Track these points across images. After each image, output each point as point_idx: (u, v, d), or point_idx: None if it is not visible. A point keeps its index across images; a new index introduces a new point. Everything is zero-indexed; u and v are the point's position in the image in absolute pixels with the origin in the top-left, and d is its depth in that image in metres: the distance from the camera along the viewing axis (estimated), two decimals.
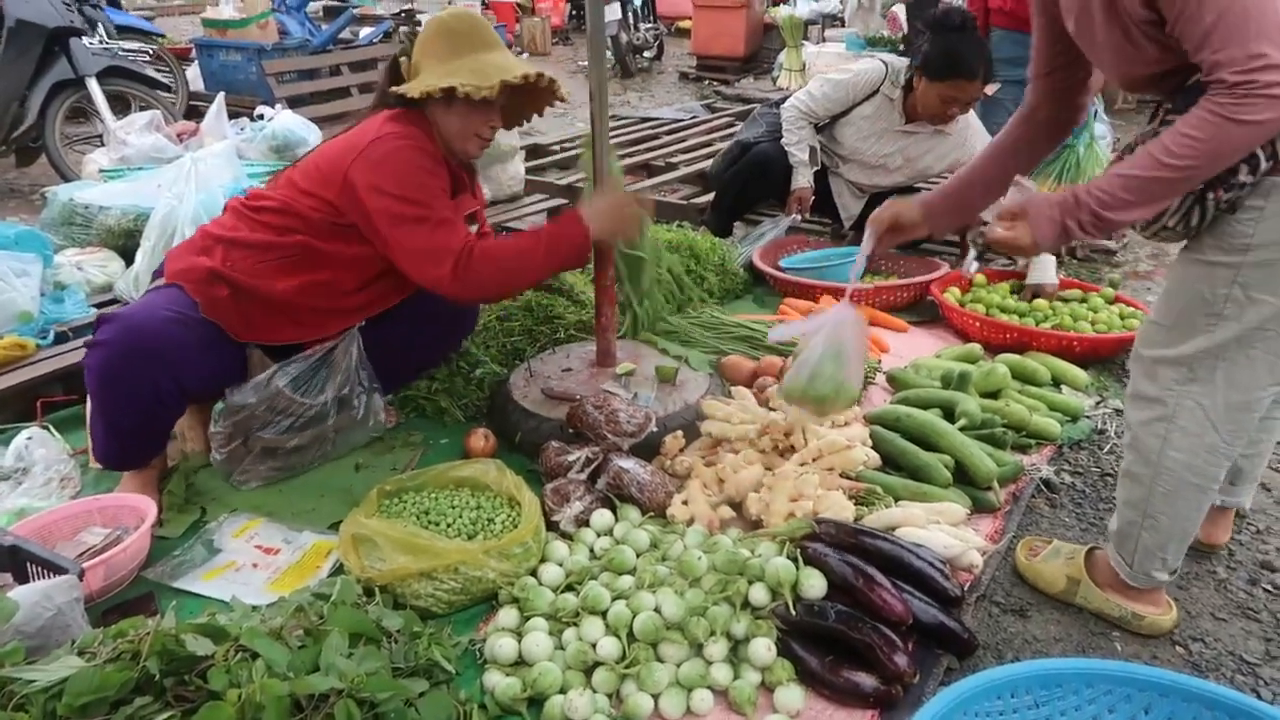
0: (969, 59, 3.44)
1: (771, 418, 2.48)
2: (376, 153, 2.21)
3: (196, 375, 2.21)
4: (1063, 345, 3.16)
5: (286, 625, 1.63)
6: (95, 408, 2.21)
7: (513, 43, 12.19)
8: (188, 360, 2.17)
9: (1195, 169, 1.55)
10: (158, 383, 2.14)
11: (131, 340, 2.10)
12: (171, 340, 2.14)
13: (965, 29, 3.52)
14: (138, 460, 2.32)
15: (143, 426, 2.23)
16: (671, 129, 7.01)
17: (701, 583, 1.91)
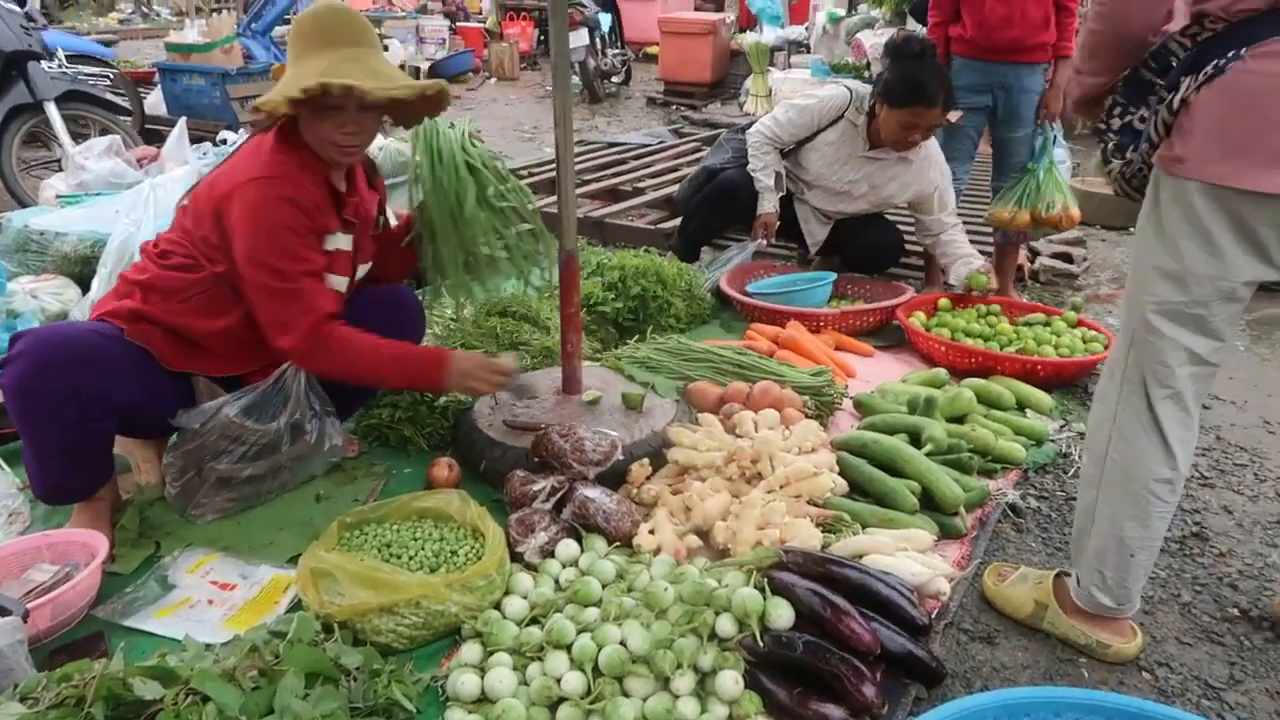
0: (928, 85, 3.48)
1: (738, 445, 2.47)
2: (247, 200, 2.13)
3: (123, 389, 2.12)
4: (1027, 369, 3.18)
5: (240, 665, 1.59)
6: (23, 436, 2.12)
7: (480, 68, 12.21)
8: (110, 371, 2.09)
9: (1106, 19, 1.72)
10: (79, 393, 2.04)
11: (46, 351, 2.03)
12: (91, 348, 2.08)
13: (924, 56, 3.56)
14: (77, 490, 2.23)
15: (73, 448, 2.12)
16: (639, 154, 7.04)
17: (668, 614, 1.88)
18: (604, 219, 5.13)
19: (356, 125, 2.18)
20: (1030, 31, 3.69)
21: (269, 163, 2.17)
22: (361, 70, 2.10)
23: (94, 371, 2.07)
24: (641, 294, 3.51)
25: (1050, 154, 3.94)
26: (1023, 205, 3.88)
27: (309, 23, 2.15)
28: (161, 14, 17.23)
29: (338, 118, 2.15)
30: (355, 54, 2.13)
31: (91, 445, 2.18)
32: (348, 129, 2.17)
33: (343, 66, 2.08)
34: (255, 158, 2.19)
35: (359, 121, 2.19)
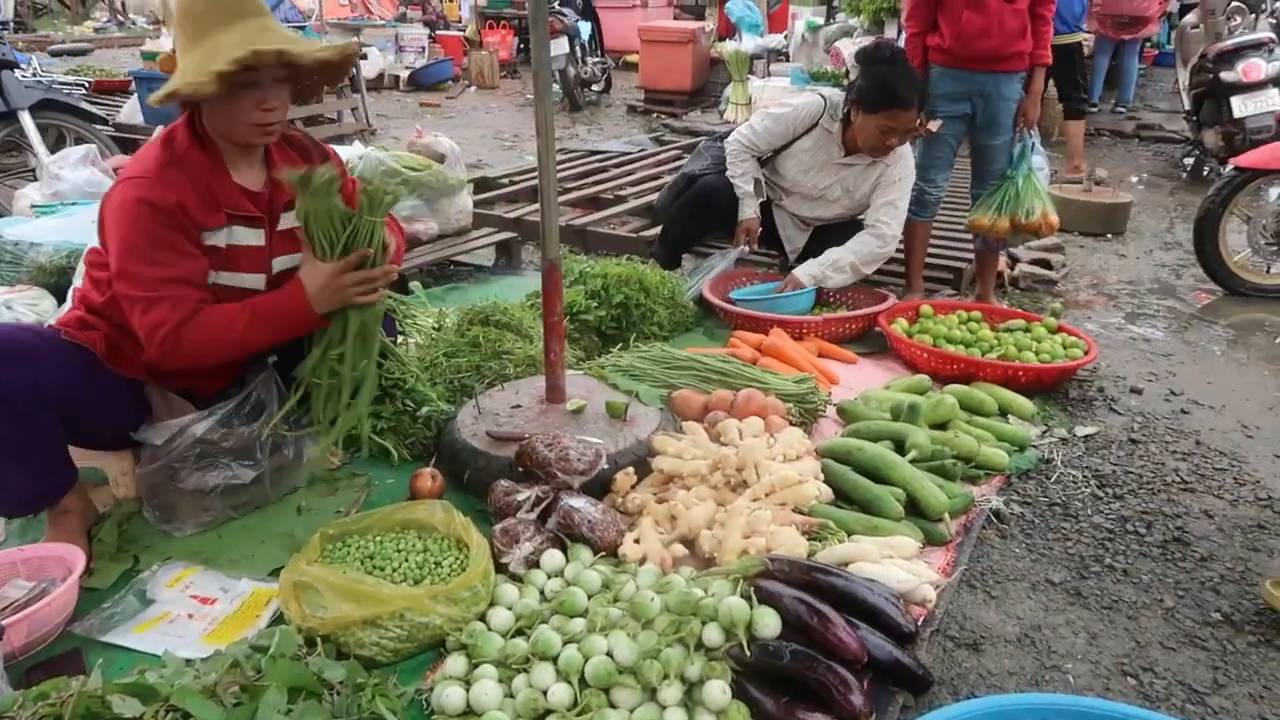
0: (901, 89, 3.51)
1: (723, 453, 2.46)
2: (111, 202, 2.08)
3: (55, 384, 2.07)
4: (1008, 375, 3.19)
5: (221, 681, 1.57)
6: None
7: (460, 76, 12.18)
8: (38, 365, 2.05)
9: None
10: (8, 385, 1.99)
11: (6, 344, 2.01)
12: (18, 343, 2.04)
13: (895, 61, 3.59)
14: (33, 497, 2.18)
15: (14, 447, 2.05)
16: (620, 162, 7.04)
17: (654, 624, 1.87)
18: (586, 227, 5.13)
19: (277, 99, 2.12)
20: (1007, 41, 3.72)
21: (142, 162, 2.10)
22: (280, 38, 2.05)
23: (16, 364, 2.02)
24: (624, 302, 3.51)
25: (1029, 161, 3.97)
26: (1002, 212, 3.91)
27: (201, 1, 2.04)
28: (137, 22, 17.09)
29: (255, 94, 2.07)
30: (264, 23, 2.06)
31: (33, 444, 2.10)
32: (269, 104, 2.10)
33: (263, 35, 2.02)
34: (139, 155, 2.14)
35: (278, 95, 2.12)
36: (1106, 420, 3.16)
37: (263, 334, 2.18)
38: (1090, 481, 2.75)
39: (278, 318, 2.17)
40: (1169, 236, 5.72)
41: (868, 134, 3.61)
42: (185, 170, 2.11)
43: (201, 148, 2.15)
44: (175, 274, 2.09)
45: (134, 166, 2.11)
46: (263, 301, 2.19)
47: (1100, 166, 6.86)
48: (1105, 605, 2.20)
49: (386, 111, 10.04)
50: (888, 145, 3.63)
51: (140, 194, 2.05)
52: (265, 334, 2.18)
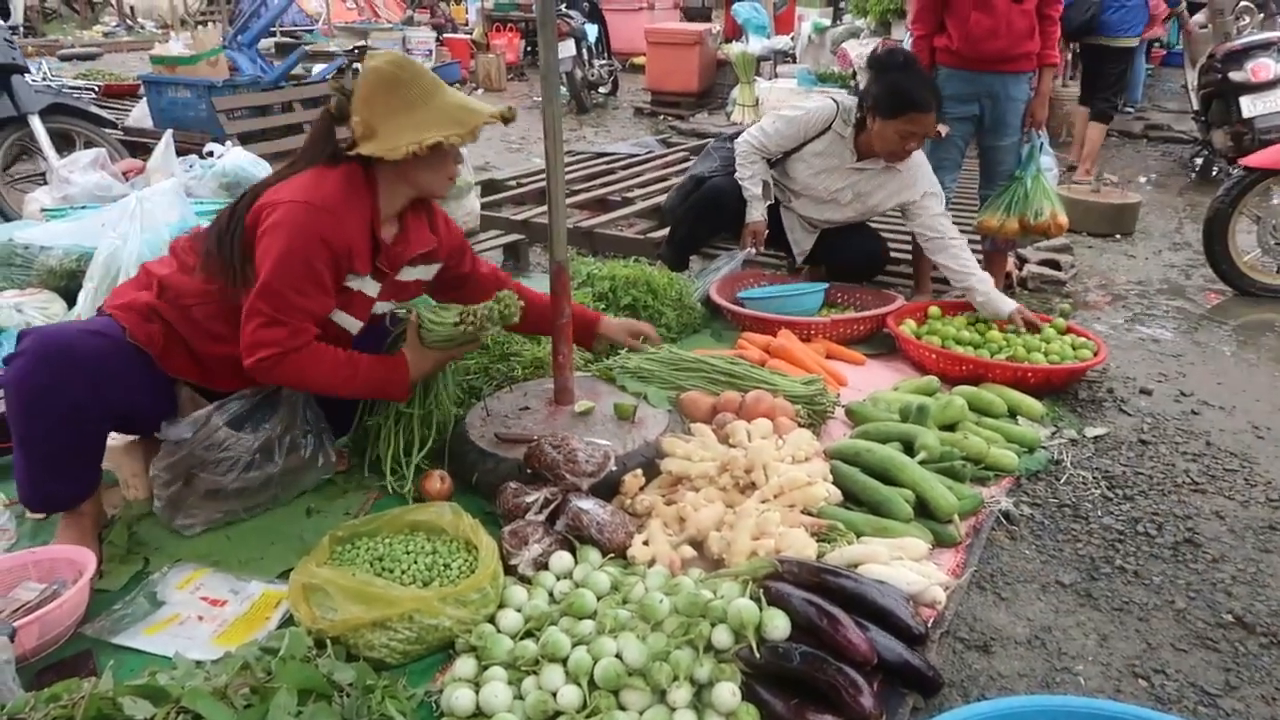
0: (919, 92, 3.49)
1: (732, 455, 2.46)
2: (285, 218, 2.15)
3: (119, 392, 2.13)
4: (1017, 376, 3.18)
5: (232, 683, 1.57)
6: (15, 437, 2.11)
7: (467, 79, 12.21)
8: (107, 372, 2.10)
9: None
10: (75, 391, 2.05)
11: (47, 347, 2.05)
12: (89, 349, 2.09)
13: (909, 66, 3.58)
14: (63, 497, 2.22)
15: (64, 445, 2.11)
16: (627, 164, 7.05)
17: (663, 626, 1.87)
18: (593, 229, 5.14)
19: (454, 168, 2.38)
20: (1016, 41, 3.71)
21: (325, 193, 2.18)
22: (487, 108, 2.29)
23: (91, 372, 2.08)
24: (632, 304, 3.51)
25: (1037, 161, 3.97)
26: (1011, 213, 3.90)
27: (407, 70, 2.24)
28: (146, 26, 17.17)
29: (455, 153, 2.33)
30: (456, 94, 2.31)
31: (85, 448, 2.18)
32: (460, 160, 2.41)
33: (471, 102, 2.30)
34: (313, 184, 2.20)
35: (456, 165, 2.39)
36: (1116, 421, 3.15)
37: (356, 389, 2.38)
38: (1100, 483, 2.74)
39: (376, 383, 2.39)
40: (1178, 237, 5.70)
41: (886, 139, 3.58)
42: (359, 215, 2.25)
43: (372, 197, 2.27)
44: (309, 306, 2.21)
45: (308, 191, 2.18)
46: (368, 363, 2.36)
47: (1108, 167, 6.84)
48: (1116, 607, 2.19)
49: None
50: (907, 150, 3.61)
51: (322, 227, 2.16)
52: (357, 390, 2.39)
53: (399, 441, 2.56)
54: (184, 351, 2.26)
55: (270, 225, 2.14)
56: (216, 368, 2.30)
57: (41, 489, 2.18)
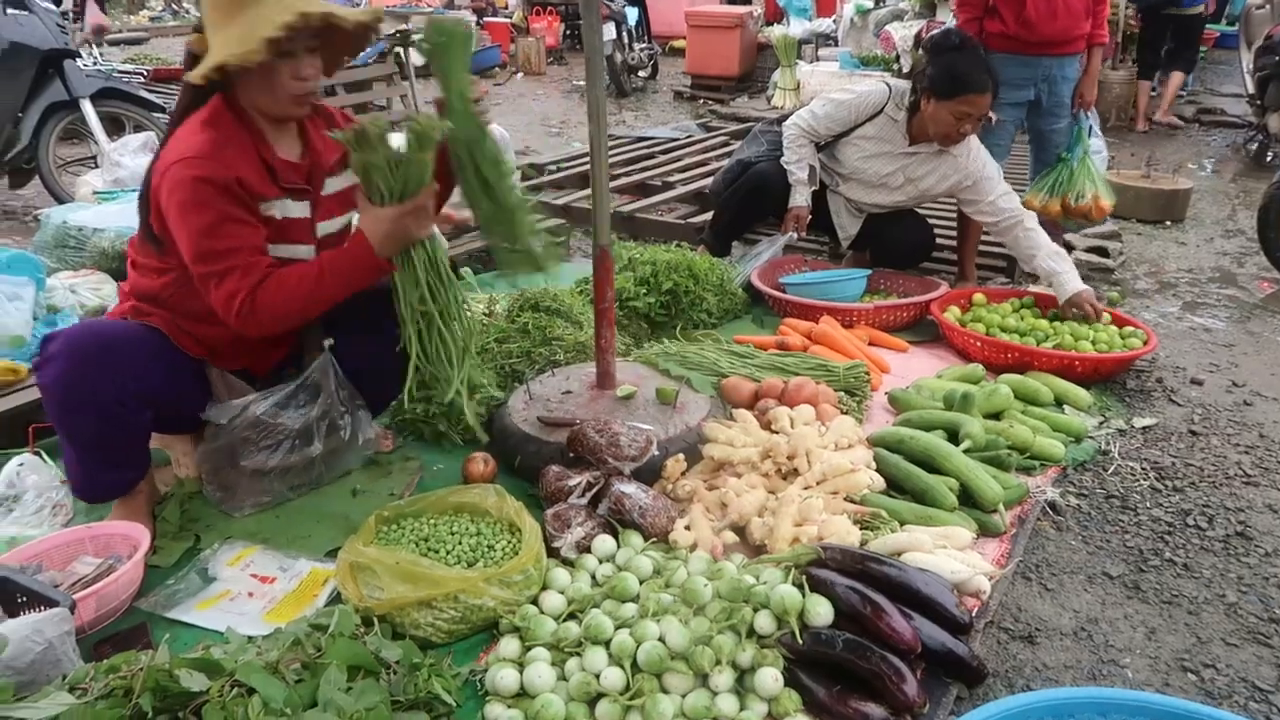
0: (976, 73, 3.44)
1: (774, 441, 2.45)
2: (170, 185, 2.07)
3: (155, 379, 2.15)
4: (1064, 365, 3.14)
5: (283, 658, 1.60)
6: (61, 434, 2.15)
7: (507, 62, 12.22)
8: (141, 361, 2.12)
9: None
10: (114, 383, 2.07)
11: (82, 348, 2.07)
12: (120, 339, 2.12)
13: (965, 47, 3.52)
14: (116, 486, 2.26)
15: (109, 439, 2.15)
16: (667, 148, 7.02)
17: (706, 610, 1.87)
18: (634, 214, 5.13)
19: (311, 67, 2.14)
20: (1074, 22, 3.66)
21: (194, 142, 2.10)
22: (319, 3, 2.05)
23: (127, 363, 2.10)
24: (674, 288, 3.50)
25: (1085, 144, 3.91)
26: (1054, 194, 3.84)
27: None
28: (191, 11, 17.37)
29: (291, 64, 2.09)
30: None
31: (129, 439, 2.21)
32: (304, 72, 2.12)
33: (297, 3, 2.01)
34: (184, 138, 2.14)
35: (312, 64, 2.14)
36: (1166, 411, 3.09)
37: (334, 288, 2.17)
38: (1149, 474, 2.69)
39: (347, 269, 2.16)
40: (1231, 224, 5.57)
41: (941, 121, 3.53)
42: (235, 147, 2.14)
43: (243, 125, 2.17)
44: (241, 244, 2.12)
45: (180, 148, 2.11)
46: (331, 256, 2.19)
47: (1159, 151, 6.70)
48: (1165, 600, 2.16)
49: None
50: (962, 132, 3.55)
51: (198, 173, 2.06)
52: (336, 287, 2.17)
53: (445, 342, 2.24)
54: (190, 340, 2.27)
55: (164, 196, 2.10)
56: (223, 348, 2.30)
57: (95, 481, 2.22)
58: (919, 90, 3.60)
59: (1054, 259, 3.49)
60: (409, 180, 2.12)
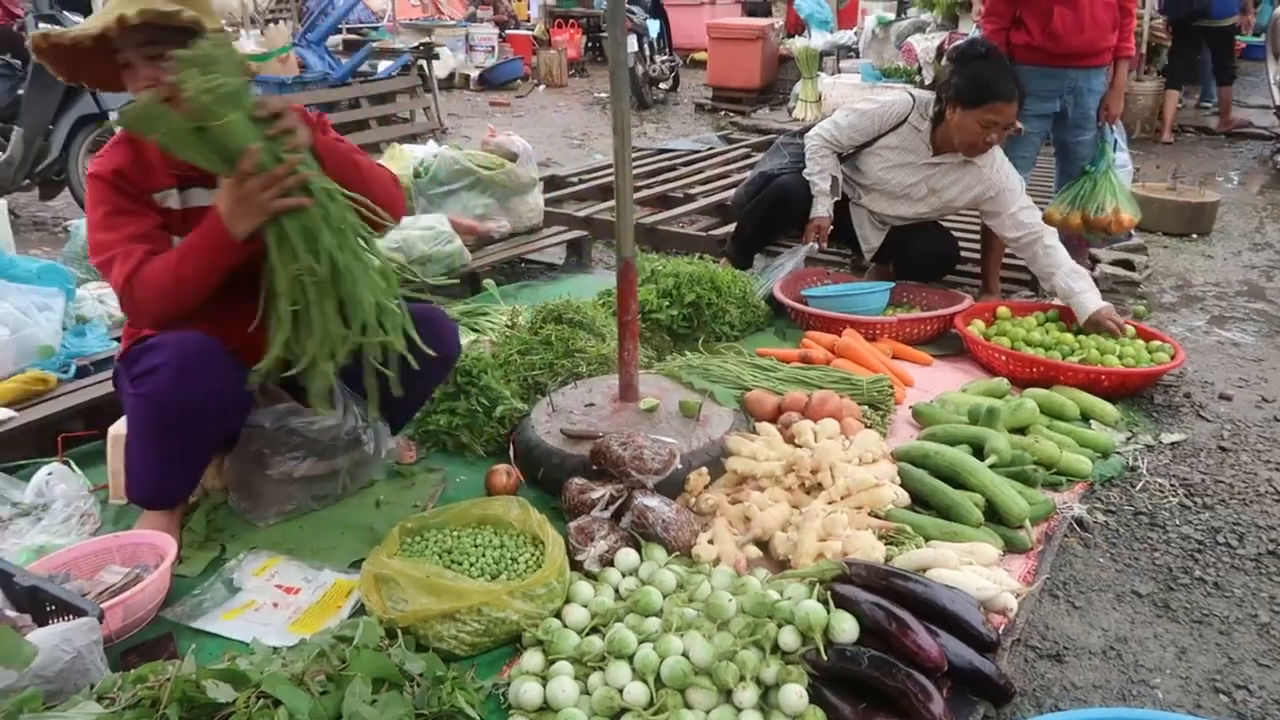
0: (1002, 82, 3.43)
1: (798, 455, 2.44)
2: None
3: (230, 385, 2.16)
4: (1090, 379, 3.11)
5: (308, 670, 1.60)
6: (146, 443, 2.17)
7: (529, 74, 12.29)
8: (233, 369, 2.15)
9: None
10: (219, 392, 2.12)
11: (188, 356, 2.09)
12: (214, 349, 2.14)
13: (991, 56, 3.52)
14: (178, 494, 2.31)
15: (195, 449, 2.22)
16: (688, 160, 7.03)
17: (730, 626, 1.87)
18: (655, 225, 5.13)
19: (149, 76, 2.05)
20: (1101, 35, 3.64)
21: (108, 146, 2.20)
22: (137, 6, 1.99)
23: (226, 371, 2.13)
24: (696, 301, 3.50)
25: (1109, 157, 3.88)
26: (1075, 206, 3.82)
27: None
28: None
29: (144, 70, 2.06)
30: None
31: (210, 448, 2.29)
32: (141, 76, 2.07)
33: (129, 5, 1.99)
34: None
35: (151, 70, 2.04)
36: (1194, 427, 3.06)
37: (195, 269, 2.06)
38: (1178, 490, 2.66)
39: (201, 248, 2.06)
40: (1259, 237, 5.51)
41: (967, 130, 3.52)
42: (125, 145, 2.18)
43: None
44: (125, 234, 2.11)
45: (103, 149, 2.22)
46: (189, 237, 2.09)
47: (1185, 164, 6.65)
48: (1195, 619, 2.13)
49: (457, 110, 10.18)
50: (988, 142, 3.53)
51: (90, 170, 2.17)
52: (198, 269, 2.06)
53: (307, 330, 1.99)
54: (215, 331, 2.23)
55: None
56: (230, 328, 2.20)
57: (163, 488, 2.27)
58: (944, 99, 3.59)
59: (1072, 277, 3.47)
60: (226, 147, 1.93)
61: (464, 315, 3.71)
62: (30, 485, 2.44)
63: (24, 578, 1.85)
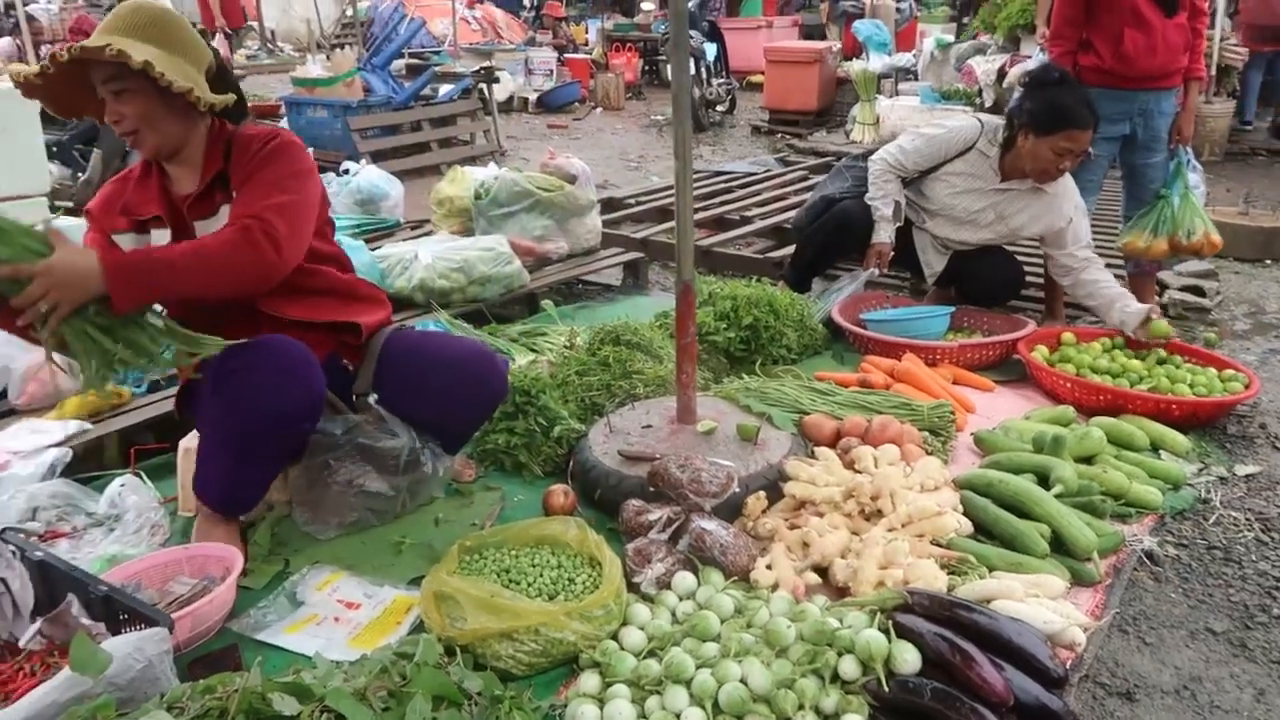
0: (1078, 108, 3.38)
1: (858, 480, 2.41)
2: None
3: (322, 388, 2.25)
4: (1160, 408, 3.03)
5: (370, 685, 1.62)
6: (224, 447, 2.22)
7: (587, 97, 12.42)
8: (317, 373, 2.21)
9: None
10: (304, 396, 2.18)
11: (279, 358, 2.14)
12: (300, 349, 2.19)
13: (1065, 82, 3.47)
14: (250, 501, 2.36)
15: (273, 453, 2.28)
16: (745, 182, 7.03)
17: (789, 653, 1.84)
18: (711, 248, 5.14)
19: (114, 112, 2.10)
20: (1173, 57, 3.59)
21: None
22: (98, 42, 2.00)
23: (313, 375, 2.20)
24: (754, 324, 3.49)
25: (1184, 179, 3.79)
26: (1159, 232, 3.74)
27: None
28: (285, 50, 18.07)
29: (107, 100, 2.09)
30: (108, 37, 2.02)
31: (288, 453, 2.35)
32: (109, 116, 2.11)
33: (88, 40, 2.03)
34: None
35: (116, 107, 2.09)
36: (1270, 459, 2.96)
37: None
38: (1253, 525, 2.57)
39: None
40: None
41: (1039, 157, 3.47)
42: (121, 181, 2.32)
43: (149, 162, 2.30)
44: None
45: None
46: None
47: (1257, 187, 6.47)
48: (1274, 659, 2.05)
49: (516, 133, 10.31)
50: (1060, 169, 3.49)
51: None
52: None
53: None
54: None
55: None
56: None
57: (236, 495, 2.33)
58: (1016, 125, 3.54)
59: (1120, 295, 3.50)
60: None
61: (522, 335, 3.74)
62: (104, 496, 2.51)
63: (98, 586, 1.90)
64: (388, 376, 2.50)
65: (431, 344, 2.61)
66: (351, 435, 2.37)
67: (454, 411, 2.55)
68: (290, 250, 2.11)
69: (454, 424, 2.60)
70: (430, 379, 2.48)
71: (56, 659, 1.76)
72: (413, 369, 2.49)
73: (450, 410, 2.54)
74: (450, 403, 2.51)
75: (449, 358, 2.53)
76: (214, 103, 2.13)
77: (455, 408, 2.54)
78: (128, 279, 1.93)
